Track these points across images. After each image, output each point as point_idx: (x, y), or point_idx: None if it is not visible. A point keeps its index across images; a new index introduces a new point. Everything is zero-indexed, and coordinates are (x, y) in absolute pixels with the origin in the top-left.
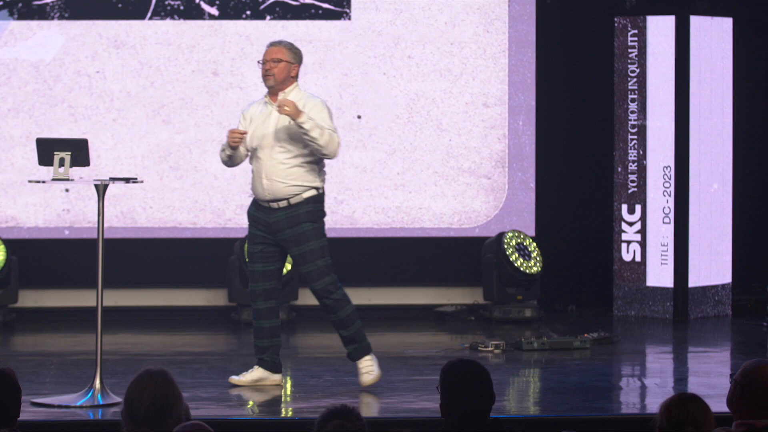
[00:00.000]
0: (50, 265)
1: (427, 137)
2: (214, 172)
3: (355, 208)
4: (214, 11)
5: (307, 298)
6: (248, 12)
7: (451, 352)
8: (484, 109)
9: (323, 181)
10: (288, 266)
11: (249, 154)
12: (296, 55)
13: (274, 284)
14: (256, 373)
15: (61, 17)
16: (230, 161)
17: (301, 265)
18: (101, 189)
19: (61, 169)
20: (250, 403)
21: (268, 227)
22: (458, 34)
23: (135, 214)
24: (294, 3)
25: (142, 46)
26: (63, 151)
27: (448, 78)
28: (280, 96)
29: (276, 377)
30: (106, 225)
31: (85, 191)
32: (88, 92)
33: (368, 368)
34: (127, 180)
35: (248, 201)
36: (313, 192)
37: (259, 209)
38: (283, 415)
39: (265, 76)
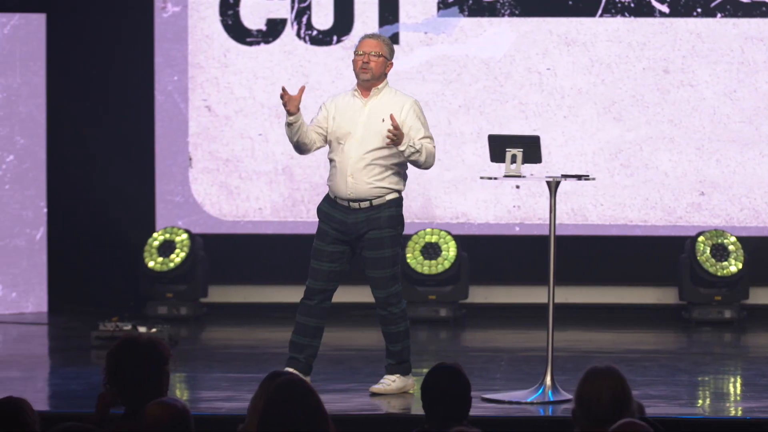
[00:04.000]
0: (499, 261)
1: None
2: (665, 170)
3: None
4: (665, 9)
5: (759, 297)
6: (699, 9)
7: None
8: None
9: (404, 185)
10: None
11: (328, 145)
12: (392, 52)
13: (335, 286)
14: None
15: (512, 14)
16: (294, 138)
17: (371, 270)
18: (553, 186)
19: (513, 166)
20: (700, 401)
21: (344, 227)
22: None
23: (586, 211)
24: (745, 1)
25: (593, 43)
26: (515, 148)
27: None
28: (374, 92)
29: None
30: (556, 222)
31: (535, 188)
32: (538, 89)
33: (386, 382)
34: (579, 177)
35: (701, 200)
36: (395, 195)
37: (335, 207)
38: (733, 414)
39: (363, 69)
